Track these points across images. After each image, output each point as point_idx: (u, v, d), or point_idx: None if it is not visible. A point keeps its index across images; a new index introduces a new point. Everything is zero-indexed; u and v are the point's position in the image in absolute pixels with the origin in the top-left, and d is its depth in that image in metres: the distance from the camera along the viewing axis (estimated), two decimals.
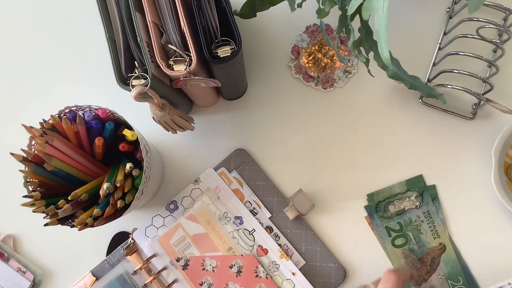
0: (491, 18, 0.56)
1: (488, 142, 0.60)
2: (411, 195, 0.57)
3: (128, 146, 0.53)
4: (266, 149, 0.62)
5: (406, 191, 0.57)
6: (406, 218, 0.57)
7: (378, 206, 0.57)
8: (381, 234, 0.57)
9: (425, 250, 0.56)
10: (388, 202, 0.57)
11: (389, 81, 0.62)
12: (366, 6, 0.41)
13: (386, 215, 0.57)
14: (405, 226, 0.57)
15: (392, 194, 0.57)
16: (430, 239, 0.56)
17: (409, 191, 0.57)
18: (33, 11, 0.67)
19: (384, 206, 0.57)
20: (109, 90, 0.65)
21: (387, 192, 0.57)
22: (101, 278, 0.59)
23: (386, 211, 0.57)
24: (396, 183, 0.57)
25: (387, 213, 0.57)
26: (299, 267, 0.59)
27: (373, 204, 0.57)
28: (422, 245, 0.56)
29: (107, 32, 0.47)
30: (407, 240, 0.57)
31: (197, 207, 0.60)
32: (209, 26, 0.47)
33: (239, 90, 0.62)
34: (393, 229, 0.57)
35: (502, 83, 0.61)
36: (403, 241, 0.57)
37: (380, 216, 0.57)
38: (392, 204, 0.57)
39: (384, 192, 0.57)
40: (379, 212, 0.57)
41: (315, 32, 0.63)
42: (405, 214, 0.57)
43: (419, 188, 0.57)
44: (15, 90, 0.66)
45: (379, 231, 0.57)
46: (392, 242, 0.57)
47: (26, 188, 0.50)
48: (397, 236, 0.57)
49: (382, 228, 0.57)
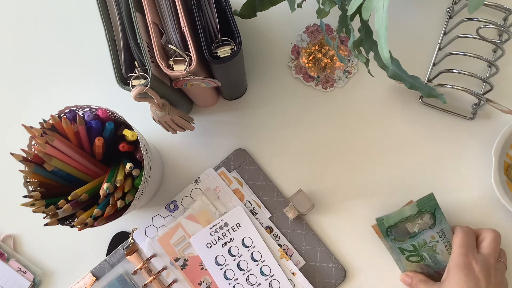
0: (491, 18, 0.56)
1: (488, 142, 0.60)
2: (423, 216, 0.53)
3: (128, 146, 0.53)
4: (266, 149, 0.62)
5: (417, 212, 0.53)
6: (420, 240, 0.53)
7: (389, 230, 0.54)
8: (393, 252, 0.55)
9: (442, 267, 0.54)
10: (399, 226, 0.53)
11: (389, 81, 0.62)
12: (366, 6, 0.41)
13: (399, 238, 0.54)
14: (419, 248, 0.54)
15: (403, 217, 0.53)
16: (446, 258, 0.54)
17: (421, 212, 0.53)
18: (33, 11, 0.67)
19: (395, 230, 0.54)
20: (109, 90, 0.65)
21: (397, 216, 0.53)
22: (101, 278, 0.59)
23: (398, 235, 0.54)
24: (407, 207, 0.53)
25: (399, 237, 0.54)
26: (299, 267, 0.59)
27: (384, 229, 0.54)
28: (439, 263, 0.54)
29: (107, 32, 0.47)
30: (422, 258, 0.54)
31: (197, 207, 0.60)
32: (209, 26, 0.47)
33: (239, 90, 0.62)
34: (407, 250, 0.54)
35: (502, 83, 0.61)
36: (417, 259, 0.54)
37: (392, 239, 0.54)
38: (403, 227, 0.53)
39: (395, 216, 0.53)
40: (391, 236, 0.54)
41: (315, 32, 0.63)
42: (418, 236, 0.53)
43: (430, 207, 0.53)
44: (15, 90, 0.66)
45: (391, 249, 0.55)
46: (407, 259, 0.55)
47: (26, 188, 0.50)
48: (411, 255, 0.54)
49: (395, 248, 0.54)
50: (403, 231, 0.54)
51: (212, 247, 0.59)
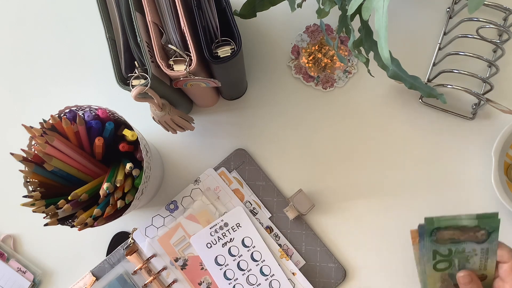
0: (491, 18, 0.56)
1: (488, 142, 0.60)
2: (478, 231, 0.49)
3: (128, 146, 0.53)
4: (266, 149, 0.62)
5: (474, 226, 0.49)
6: (460, 247, 0.50)
7: (435, 232, 0.50)
8: (424, 255, 0.51)
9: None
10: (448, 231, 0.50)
11: (389, 81, 0.62)
12: (366, 6, 0.41)
13: (441, 241, 0.50)
14: (454, 254, 0.50)
15: (457, 225, 0.49)
16: (476, 268, 0.50)
17: (478, 227, 0.49)
18: (33, 11, 0.67)
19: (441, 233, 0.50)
20: (109, 90, 0.65)
21: (452, 221, 0.49)
22: (101, 278, 0.59)
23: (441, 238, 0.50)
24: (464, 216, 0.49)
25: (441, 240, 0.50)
26: (299, 267, 0.59)
27: (430, 229, 0.49)
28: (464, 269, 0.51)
29: (107, 32, 0.47)
30: (450, 265, 0.51)
31: (197, 207, 0.60)
32: (209, 26, 0.47)
33: (239, 90, 0.62)
34: (440, 254, 0.50)
35: (502, 83, 0.61)
36: (446, 265, 0.51)
37: (433, 240, 0.50)
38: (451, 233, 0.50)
39: (449, 220, 0.49)
40: (433, 236, 0.50)
41: (315, 32, 0.63)
42: (460, 244, 0.50)
43: (490, 227, 0.48)
44: (15, 90, 0.66)
45: (423, 252, 0.51)
46: (434, 265, 0.51)
47: (26, 188, 0.50)
48: (441, 260, 0.51)
49: (429, 250, 0.50)
50: (449, 236, 0.50)
51: (212, 247, 0.59)
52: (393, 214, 0.60)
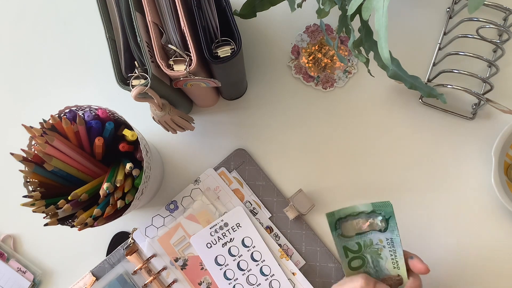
0: (491, 18, 0.56)
1: (488, 142, 0.60)
2: (376, 217, 0.50)
3: (128, 146, 0.53)
4: (266, 149, 0.62)
5: (371, 211, 0.50)
6: (367, 239, 0.51)
7: (338, 224, 0.50)
8: (339, 253, 0.51)
9: (383, 276, 0.51)
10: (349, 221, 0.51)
11: (389, 81, 0.62)
12: (366, 6, 0.41)
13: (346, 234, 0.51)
14: (364, 248, 0.51)
15: (354, 211, 0.50)
16: (389, 267, 0.51)
17: (374, 212, 0.50)
18: (33, 11, 0.67)
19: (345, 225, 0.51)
20: (109, 90, 0.65)
21: (349, 209, 0.51)
22: (101, 278, 0.59)
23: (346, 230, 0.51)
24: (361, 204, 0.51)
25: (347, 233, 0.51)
26: (299, 267, 0.59)
27: (333, 221, 0.50)
28: (380, 270, 0.51)
29: (107, 32, 0.47)
30: (364, 262, 0.51)
31: (197, 207, 0.60)
32: (209, 26, 0.47)
33: (239, 90, 0.62)
34: (351, 250, 0.51)
35: (502, 83, 0.61)
36: (360, 263, 0.51)
37: (339, 234, 0.51)
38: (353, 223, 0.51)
39: (347, 209, 0.51)
40: (338, 230, 0.51)
41: (315, 32, 0.63)
42: (366, 235, 0.51)
43: (386, 212, 0.50)
44: (15, 90, 0.66)
45: (337, 250, 0.51)
46: (349, 264, 0.51)
47: (26, 188, 0.50)
48: (354, 257, 0.51)
49: (340, 247, 0.51)
50: (352, 228, 0.51)
51: (212, 247, 0.59)
52: None
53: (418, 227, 0.60)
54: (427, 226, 0.60)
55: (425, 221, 0.60)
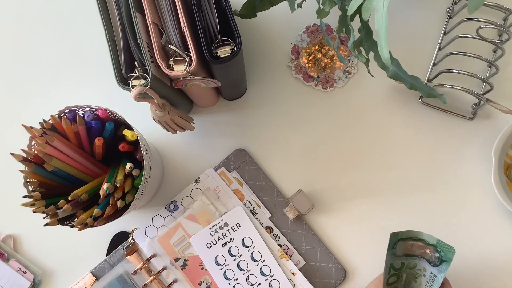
0: (491, 18, 0.56)
1: (488, 142, 0.60)
2: (434, 251, 0.50)
3: (128, 146, 0.53)
4: (266, 149, 0.62)
5: (432, 244, 0.50)
6: (412, 261, 0.51)
7: (396, 244, 0.50)
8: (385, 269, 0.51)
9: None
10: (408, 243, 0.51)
11: (389, 81, 0.62)
12: (366, 6, 0.41)
13: (398, 254, 0.51)
14: (405, 267, 0.51)
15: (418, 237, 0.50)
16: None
17: (435, 247, 0.50)
18: (33, 11, 0.67)
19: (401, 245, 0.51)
20: (109, 90, 0.65)
21: (413, 233, 0.50)
22: (101, 278, 0.59)
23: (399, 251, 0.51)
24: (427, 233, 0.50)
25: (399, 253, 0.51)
26: (299, 267, 0.59)
27: (394, 240, 0.50)
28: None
29: (107, 32, 0.47)
30: (398, 279, 0.51)
31: (197, 207, 0.60)
32: (209, 26, 0.47)
33: (239, 90, 0.62)
34: (394, 267, 0.51)
35: (502, 83, 0.61)
36: (394, 279, 0.51)
37: (393, 253, 0.51)
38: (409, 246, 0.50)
39: (411, 232, 0.50)
40: (394, 249, 0.50)
41: (315, 32, 0.63)
42: (414, 258, 0.51)
43: (445, 255, 0.49)
44: (15, 90, 0.66)
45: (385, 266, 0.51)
46: (387, 280, 0.51)
47: (26, 188, 0.50)
48: (393, 274, 0.51)
49: (388, 264, 0.51)
50: (405, 248, 0.51)
51: (212, 247, 0.59)
52: (393, 214, 0.60)
53: (418, 227, 0.60)
54: (427, 226, 0.60)
55: (425, 221, 0.60)
